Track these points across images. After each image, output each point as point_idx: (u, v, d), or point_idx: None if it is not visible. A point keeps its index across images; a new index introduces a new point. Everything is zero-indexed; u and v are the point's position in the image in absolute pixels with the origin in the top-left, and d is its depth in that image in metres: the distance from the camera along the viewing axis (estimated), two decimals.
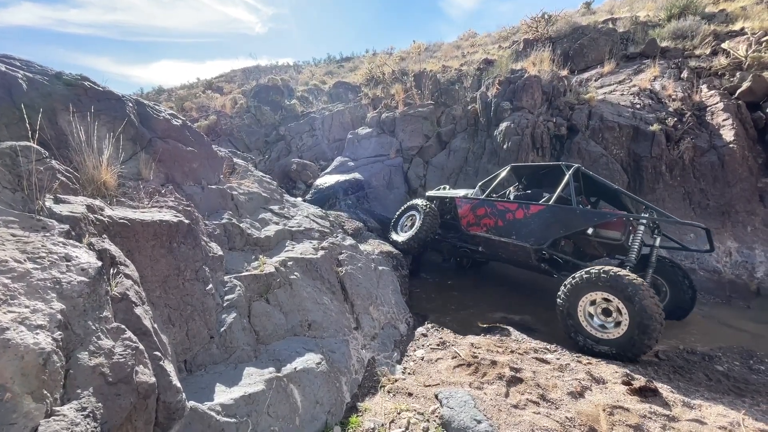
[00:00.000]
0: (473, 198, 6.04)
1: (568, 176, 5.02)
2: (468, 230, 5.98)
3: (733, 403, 3.06)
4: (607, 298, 3.95)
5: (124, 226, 2.20)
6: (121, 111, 3.39)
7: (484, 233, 5.71)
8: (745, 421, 2.77)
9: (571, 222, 4.79)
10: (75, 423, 1.22)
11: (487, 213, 5.71)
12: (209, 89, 20.03)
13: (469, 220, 5.97)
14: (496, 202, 5.65)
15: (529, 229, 5.13)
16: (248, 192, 4.75)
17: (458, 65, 12.87)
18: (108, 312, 1.61)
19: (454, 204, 6.33)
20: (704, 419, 2.79)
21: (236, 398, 2.32)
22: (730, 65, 8.12)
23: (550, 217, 4.97)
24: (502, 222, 5.47)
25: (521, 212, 5.28)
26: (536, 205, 5.15)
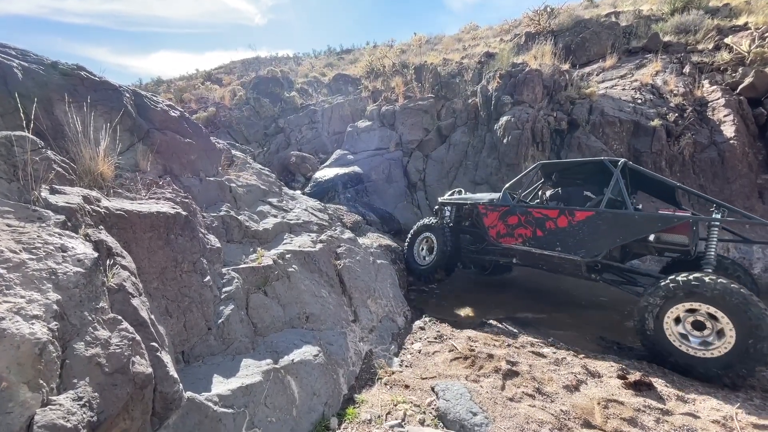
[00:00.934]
0: (501, 204, 5.26)
1: (617, 174, 4.38)
2: (499, 242, 5.24)
3: (726, 398, 3.09)
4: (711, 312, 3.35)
5: (120, 218, 2.19)
6: (118, 101, 3.36)
7: (521, 245, 4.99)
8: (738, 415, 2.79)
9: (630, 229, 4.15)
10: (71, 412, 1.23)
11: (521, 222, 4.98)
12: (208, 81, 19.89)
13: (500, 230, 5.22)
14: (531, 209, 4.93)
15: (576, 239, 4.47)
16: (247, 184, 4.74)
17: (459, 58, 12.77)
18: (104, 303, 1.61)
19: (477, 211, 5.59)
20: (698, 413, 2.82)
21: (234, 389, 2.33)
22: (733, 60, 8.07)
23: (603, 224, 4.30)
24: (542, 232, 4.78)
25: (564, 220, 4.58)
26: (583, 210, 4.48)
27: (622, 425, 2.62)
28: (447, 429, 2.62)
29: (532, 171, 5.39)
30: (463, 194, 6.37)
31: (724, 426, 2.68)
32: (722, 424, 2.70)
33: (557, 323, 4.81)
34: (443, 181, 9.01)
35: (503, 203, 5.26)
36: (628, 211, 4.18)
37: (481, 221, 5.48)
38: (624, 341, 4.28)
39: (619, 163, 4.52)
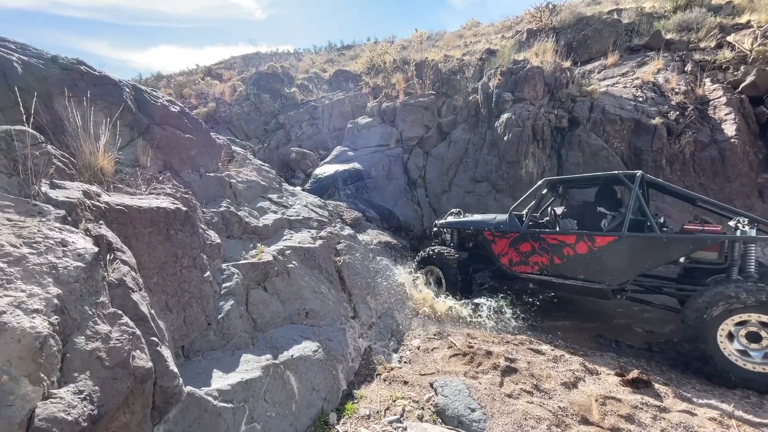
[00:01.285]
0: (510, 231, 4.87)
1: (636, 190, 4.02)
2: (512, 270, 4.89)
3: (723, 396, 3.11)
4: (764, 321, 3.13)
5: (121, 213, 2.19)
6: (118, 96, 3.35)
7: (537, 274, 4.65)
8: (735, 413, 2.81)
9: (659, 253, 3.83)
10: (72, 405, 1.24)
11: (535, 249, 4.61)
12: (208, 76, 19.82)
13: (512, 258, 4.86)
14: (545, 235, 4.55)
15: (600, 266, 4.13)
16: (247, 180, 4.74)
17: (460, 55, 12.72)
18: (105, 297, 1.62)
19: (483, 238, 5.19)
20: (695, 410, 2.83)
21: (233, 384, 2.34)
22: (735, 59, 8.04)
23: (628, 250, 3.96)
24: (560, 259, 4.43)
25: (584, 246, 4.22)
26: (604, 235, 4.12)
27: (619, 422, 2.64)
28: (445, 425, 2.64)
29: (539, 188, 4.95)
30: (462, 216, 5.95)
31: (721, 423, 2.69)
32: (719, 421, 2.71)
33: (555, 321, 4.83)
34: (443, 179, 9.00)
35: (512, 229, 4.87)
36: (654, 234, 3.85)
37: (490, 248, 5.07)
38: (622, 339, 4.29)
39: (636, 177, 4.10)
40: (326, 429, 2.66)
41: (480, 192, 8.20)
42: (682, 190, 4.33)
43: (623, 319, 4.81)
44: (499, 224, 5.03)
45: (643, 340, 4.29)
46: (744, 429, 2.65)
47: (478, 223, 5.35)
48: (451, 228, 5.73)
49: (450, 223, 5.76)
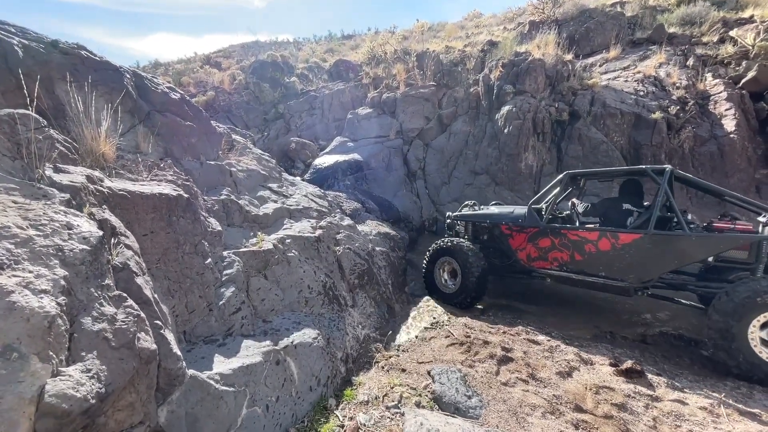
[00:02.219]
0: (529, 225, 4.72)
1: (664, 186, 3.87)
2: (530, 265, 4.78)
3: (715, 386, 3.17)
4: None
5: (123, 198, 2.20)
6: (119, 82, 3.33)
7: (556, 270, 4.54)
8: (725, 403, 2.88)
9: (687, 253, 3.71)
10: (80, 383, 1.27)
11: (555, 245, 4.48)
12: (207, 64, 19.59)
13: (530, 253, 4.74)
14: (566, 231, 4.41)
15: (623, 263, 4.03)
16: (247, 169, 4.74)
17: (462, 46, 12.61)
18: (110, 280, 1.64)
19: (500, 231, 5.03)
20: (686, 400, 2.90)
21: (234, 369, 2.39)
22: (737, 54, 8.01)
23: (654, 248, 3.84)
24: (581, 256, 4.30)
25: (607, 242, 4.10)
26: (628, 233, 4.00)
27: (612, 410, 2.70)
28: (442, 411, 2.70)
29: (559, 182, 4.76)
30: (478, 208, 5.77)
31: (711, 412, 2.76)
32: (709, 410, 2.78)
33: (552, 312, 4.89)
34: (443, 171, 9.00)
35: (531, 224, 4.71)
36: (683, 232, 3.72)
37: (506, 242, 4.95)
38: (617, 331, 4.36)
39: (666, 172, 3.93)
40: (326, 414, 2.71)
41: (479, 184, 8.21)
42: (711, 186, 4.16)
43: (619, 311, 4.88)
44: (518, 218, 4.87)
45: (638, 332, 4.35)
46: (734, 417, 2.72)
47: (495, 216, 5.19)
48: (465, 220, 5.57)
49: (465, 215, 5.59)
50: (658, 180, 3.97)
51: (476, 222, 5.45)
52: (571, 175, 4.76)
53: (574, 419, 2.59)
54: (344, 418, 2.62)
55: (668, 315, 4.65)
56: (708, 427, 2.60)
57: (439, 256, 5.20)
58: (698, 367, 3.62)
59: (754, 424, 2.65)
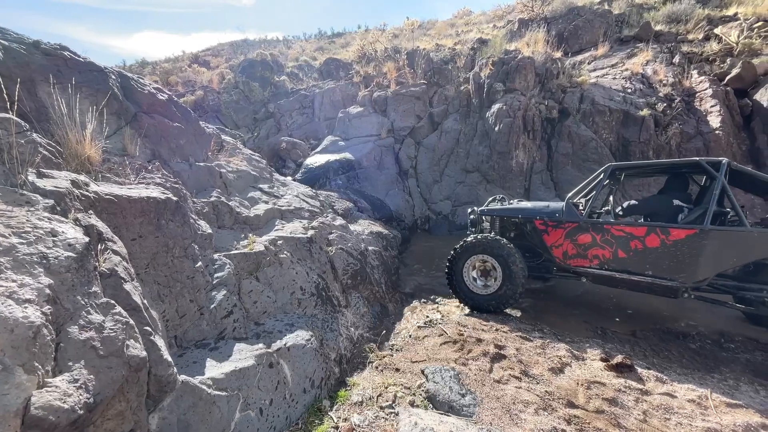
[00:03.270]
0: (567, 220, 4.39)
1: (721, 180, 3.63)
2: (566, 264, 4.44)
3: (702, 379, 3.23)
4: None
5: (110, 203, 2.16)
6: (103, 83, 3.27)
7: (596, 269, 4.23)
8: (713, 395, 2.94)
9: (748, 250, 3.50)
10: (67, 394, 1.24)
11: (597, 241, 4.19)
12: (195, 63, 19.36)
13: (567, 250, 4.41)
14: (609, 226, 4.12)
15: (674, 261, 3.76)
16: (237, 170, 4.69)
17: (452, 44, 12.63)
18: (97, 287, 1.61)
19: (533, 227, 4.68)
20: (675, 393, 2.95)
21: (227, 372, 2.37)
22: (722, 51, 8.15)
23: (710, 245, 3.57)
24: (625, 253, 4.02)
25: (655, 239, 3.84)
26: (681, 228, 3.71)
27: (603, 405, 2.74)
28: (436, 410, 2.70)
29: (601, 175, 4.41)
30: (507, 203, 5.40)
31: (700, 405, 2.81)
32: (698, 403, 2.83)
33: (545, 309, 4.93)
34: (435, 169, 9.02)
35: (570, 218, 4.37)
36: (744, 228, 3.49)
37: (540, 239, 4.59)
38: (608, 326, 4.41)
39: (723, 165, 3.68)
40: (320, 415, 2.71)
41: (471, 182, 8.25)
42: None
43: (610, 307, 4.94)
44: (554, 213, 4.53)
45: (628, 327, 4.42)
46: (721, 409, 2.77)
47: (528, 211, 4.81)
48: (493, 215, 5.18)
49: (493, 210, 5.17)
50: (714, 173, 3.72)
51: (505, 217, 5.06)
52: (614, 167, 4.39)
53: (567, 415, 2.62)
54: (338, 420, 2.62)
55: (656, 310, 4.73)
56: (696, 420, 2.65)
57: (472, 253, 4.63)
58: (686, 360, 3.68)
59: (741, 415, 2.71)
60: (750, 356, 3.74)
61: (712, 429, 2.55)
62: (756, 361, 3.63)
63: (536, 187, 7.71)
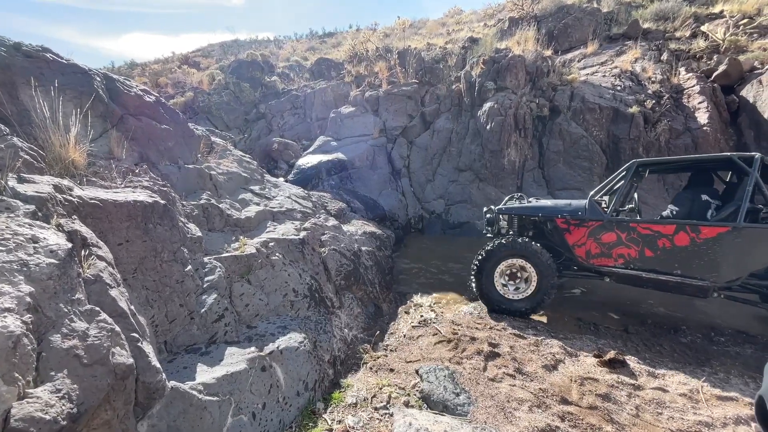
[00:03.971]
0: (591, 219, 4.25)
1: (755, 175, 3.52)
2: (589, 263, 4.30)
3: (693, 372, 3.27)
4: None
5: (95, 207, 2.12)
6: (88, 86, 3.21)
7: (621, 268, 4.12)
8: (704, 388, 2.97)
9: None
10: (49, 404, 1.21)
11: (622, 240, 4.07)
12: (185, 64, 19.18)
13: (590, 249, 4.28)
14: (636, 224, 3.99)
15: (704, 260, 3.64)
16: (227, 172, 4.64)
17: (443, 43, 12.65)
18: (81, 294, 1.58)
19: (554, 225, 4.53)
20: (667, 387, 2.98)
21: (218, 377, 2.34)
22: (708, 48, 8.26)
23: (744, 243, 3.46)
24: (652, 251, 3.91)
25: (685, 237, 3.72)
26: (713, 226, 3.59)
27: (596, 401, 2.75)
28: (431, 410, 2.70)
29: (626, 172, 4.25)
30: (526, 201, 5.23)
31: (691, 398, 2.84)
32: (689, 396, 2.86)
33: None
34: (427, 168, 9.02)
35: (593, 217, 4.25)
36: None
37: (562, 238, 4.45)
38: (600, 323, 4.44)
39: (756, 160, 3.56)
40: (314, 418, 2.69)
41: (464, 181, 8.27)
42: None
43: (602, 303, 4.98)
44: (577, 211, 4.40)
45: (620, 322, 4.45)
46: (712, 402, 2.80)
47: (549, 209, 4.67)
48: (512, 214, 5.00)
49: (512, 208, 4.99)
50: (746, 168, 3.61)
51: (525, 216, 4.91)
52: (639, 164, 4.22)
53: (561, 411, 2.63)
54: (333, 422, 2.60)
55: (647, 306, 4.77)
56: (688, 413, 2.67)
57: (505, 257, 4.45)
58: (678, 354, 3.72)
59: (732, 408, 2.74)
60: (740, 349, 3.79)
61: (703, 422, 2.58)
62: (745, 354, 3.68)
63: (528, 185, 7.74)
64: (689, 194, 4.14)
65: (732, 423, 2.57)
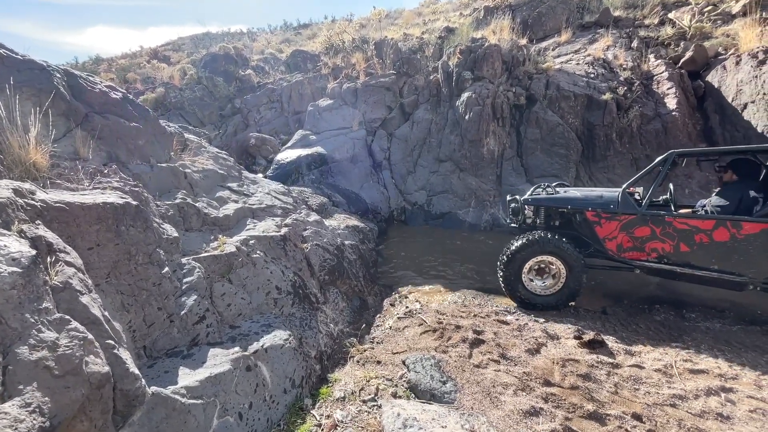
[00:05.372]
0: (624, 212, 4.13)
1: None
2: (620, 257, 4.24)
3: (667, 349, 3.41)
4: None
5: (61, 211, 2.02)
6: (47, 83, 3.04)
7: (654, 262, 4.04)
8: (677, 363, 3.11)
9: None
10: (19, 420, 1.16)
11: (656, 234, 3.96)
12: (155, 59, 18.45)
13: (621, 243, 4.19)
14: (672, 219, 3.88)
15: (744, 256, 3.58)
16: (203, 169, 4.51)
17: (420, 33, 12.58)
18: (49, 303, 1.50)
19: (584, 218, 4.41)
20: (643, 364, 3.10)
21: (201, 380, 2.29)
22: (676, 35, 8.50)
23: None
24: (688, 246, 3.82)
25: (725, 232, 3.62)
26: (756, 221, 3.49)
27: (577, 381, 2.84)
28: (418, 399, 2.73)
29: (663, 163, 4.05)
30: (552, 191, 4.99)
31: (665, 373, 2.97)
32: (663, 372, 2.99)
33: None
34: (408, 160, 9.02)
35: (626, 210, 4.13)
36: None
37: (592, 231, 4.35)
38: (580, 305, 4.57)
39: None
40: (302, 415, 2.68)
41: (444, 172, 8.31)
42: None
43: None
44: (609, 204, 4.28)
45: (599, 304, 4.60)
46: (685, 376, 2.94)
47: (579, 201, 4.52)
48: (538, 205, 4.85)
49: (539, 199, 4.84)
50: None
51: (552, 207, 4.77)
52: (677, 154, 4.05)
53: (544, 393, 2.70)
54: (321, 417, 2.60)
55: (624, 287, 4.94)
56: (663, 388, 2.80)
57: (535, 254, 4.35)
58: (652, 331, 3.88)
59: (703, 380, 2.88)
60: (709, 324, 3.98)
61: (677, 395, 2.70)
62: (715, 329, 3.87)
63: (507, 173, 7.85)
64: (738, 188, 3.90)
65: (703, 394, 2.71)
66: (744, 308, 4.25)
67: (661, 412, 2.54)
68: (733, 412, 2.54)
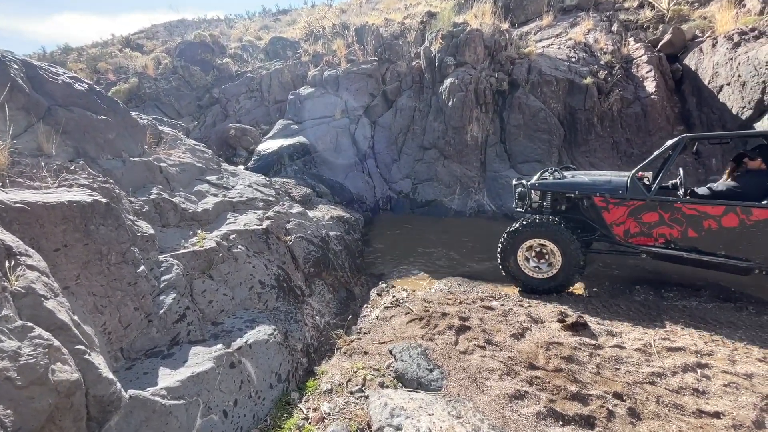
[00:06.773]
0: (632, 197, 4.12)
1: None
2: (627, 242, 4.24)
3: (646, 328, 3.50)
4: None
5: (21, 212, 1.91)
6: (2, 75, 2.85)
7: (662, 248, 4.05)
8: (656, 342, 3.19)
9: None
10: None
11: (664, 220, 3.97)
12: (127, 47, 17.69)
13: (629, 228, 4.18)
14: (681, 204, 3.88)
15: (752, 243, 3.59)
16: (179, 163, 4.37)
17: (401, 18, 12.36)
18: (9, 310, 1.42)
19: (592, 203, 4.38)
20: (624, 344, 3.18)
21: (183, 380, 2.24)
22: (654, 18, 8.55)
23: None
24: (696, 232, 3.83)
25: (734, 218, 3.63)
26: (765, 208, 3.50)
27: (561, 363, 2.89)
28: (406, 388, 2.74)
29: (674, 148, 4.03)
30: (559, 175, 4.86)
31: (645, 352, 3.05)
32: (643, 351, 3.07)
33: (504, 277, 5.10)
34: (392, 148, 8.94)
35: (635, 196, 4.11)
36: None
37: (599, 216, 4.33)
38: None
39: None
40: (289, 409, 2.66)
41: (429, 159, 8.27)
42: None
43: None
44: (617, 189, 4.24)
45: (581, 286, 4.69)
46: (663, 354, 3.02)
47: (587, 186, 4.47)
48: (545, 190, 4.82)
49: (546, 183, 4.78)
50: None
51: (559, 192, 4.74)
52: (688, 138, 4.03)
53: (529, 377, 2.74)
54: (308, 410, 2.58)
55: (606, 270, 5.04)
56: (642, 366, 2.87)
57: (528, 237, 4.41)
58: (633, 312, 3.97)
59: (680, 357, 2.97)
60: (686, 303, 4.09)
61: (656, 373, 2.78)
62: (691, 307, 3.98)
63: (491, 159, 7.86)
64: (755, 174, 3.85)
65: (681, 371, 2.79)
66: (718, 287, 4.39)
67: (641, 390, 2.61)
68: (708, 387, 2.63)
